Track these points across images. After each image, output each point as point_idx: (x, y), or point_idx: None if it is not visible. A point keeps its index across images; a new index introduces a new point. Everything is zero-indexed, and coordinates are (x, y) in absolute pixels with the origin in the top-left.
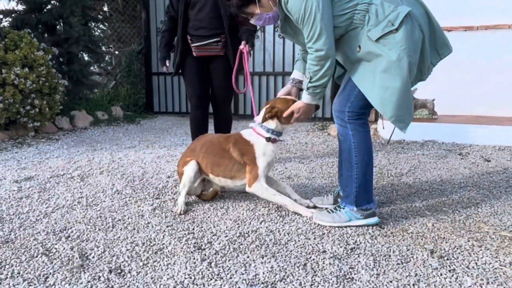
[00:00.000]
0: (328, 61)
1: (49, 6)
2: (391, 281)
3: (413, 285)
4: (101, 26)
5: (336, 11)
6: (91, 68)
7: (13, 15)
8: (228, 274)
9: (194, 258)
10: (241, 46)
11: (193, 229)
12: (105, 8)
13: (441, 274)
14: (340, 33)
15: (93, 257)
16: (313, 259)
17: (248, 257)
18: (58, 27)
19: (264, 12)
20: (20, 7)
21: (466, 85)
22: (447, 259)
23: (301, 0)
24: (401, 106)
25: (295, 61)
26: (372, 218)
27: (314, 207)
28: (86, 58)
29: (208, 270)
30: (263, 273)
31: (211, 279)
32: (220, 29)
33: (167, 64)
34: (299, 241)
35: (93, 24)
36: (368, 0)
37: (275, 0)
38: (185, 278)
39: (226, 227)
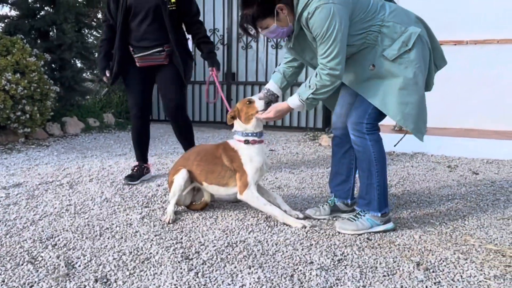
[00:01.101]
0: (338, 80)
1: (42, 12)
2: None
3: None
4: (94, 33)
5: (353, 30)
6: (84, 74)
7: (6, 21)
8: (214, 284)
9: (181, 268)
10: (210, 73)
11: (181, 238)
12: (99, 15)
13: (426, 287)
14: (353, 52)
15: (79, 265)
16: (300, 270)
17: (235, 267)
18: (51, 33)
19: (280, 26)
20: (13, 13)
21: (456, 98)
22: (433, 272)
23: (326, 17)
24: (420, 117)
25: (273, 71)
26: (389, 223)
27: (304, 218)
28: (78, 64)
29: (195, 280)
30: (250, 283)
31: None
32: (164, 39)
33: (107, 75)
34: (286, 251)
35: (86, 31)
36: (380, 22)
37: (292, 16)
38: None
39: (215, 237)
